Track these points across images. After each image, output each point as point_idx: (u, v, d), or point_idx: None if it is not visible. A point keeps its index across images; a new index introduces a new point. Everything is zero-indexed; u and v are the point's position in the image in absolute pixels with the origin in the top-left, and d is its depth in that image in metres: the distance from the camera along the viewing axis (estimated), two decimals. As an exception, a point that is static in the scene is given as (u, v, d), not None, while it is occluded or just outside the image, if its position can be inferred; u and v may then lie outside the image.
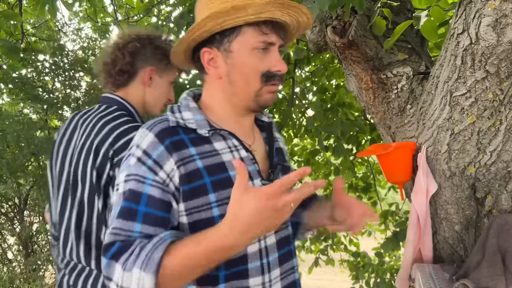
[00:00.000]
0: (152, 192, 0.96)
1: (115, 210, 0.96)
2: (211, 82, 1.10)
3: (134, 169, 0.97)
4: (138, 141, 1.00)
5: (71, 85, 5.40)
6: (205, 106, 1.11)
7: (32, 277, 4.89)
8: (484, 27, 1.34)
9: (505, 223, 1.55)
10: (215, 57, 1.05)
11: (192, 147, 1.01)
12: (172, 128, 1.02)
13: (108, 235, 0.94)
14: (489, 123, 1.57)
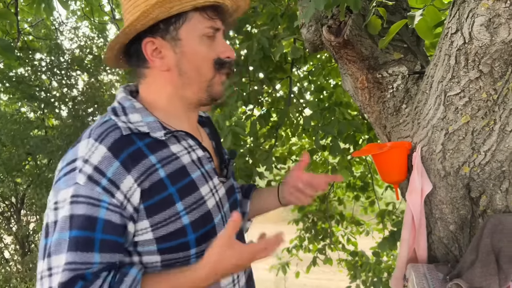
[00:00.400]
0: (108, 217, 0.85)
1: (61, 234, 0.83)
2: (155, 76, 0.98)
3: (85, 190, 0.84)
4: (86, 155, 0.86)
5: (68, 84, 5.39)
6: (149, 104, 0.99)
7: (29, 276, 4.89)
8: (478, 27, 1.34)
9: (499, 223, 1.54)
10: (159, 47, 0.95)
11: (152, 155, 0.92)
12: (126, 137, 0.91)
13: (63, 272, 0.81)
14: (483, 123, 1.57)
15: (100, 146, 0.87)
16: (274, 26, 3.01)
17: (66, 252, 0.82)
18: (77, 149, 0.89)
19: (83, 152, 0.87)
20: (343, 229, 5.54)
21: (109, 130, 0.90)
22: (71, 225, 0.83)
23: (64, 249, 0.82)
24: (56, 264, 0.82)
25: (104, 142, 0.88)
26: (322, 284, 8.79)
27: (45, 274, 0.83)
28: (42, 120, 5.44)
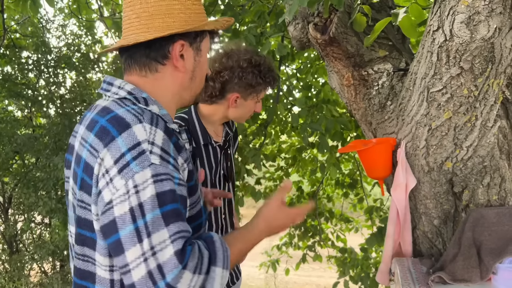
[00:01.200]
0: (180, 192, 0.94)
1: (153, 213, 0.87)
2: (167, 73, 1.07)
3: (162, 168, 0.90)
4: (149, 138, 0.91)
5: (56, 82, 5.35)
6: (155, 97, 1.06)
7: (17, 276, 4.85)
8: (458, 24, 1.36)
9: (480, 217, 1.58)
10: (185, 51, 1.07)
11: (179, 142, 1.01)
12: (166, 123, 1.00)
13: (175, 241, 0.86)
14: (465, 119, 1.60)
15: (158, 130, 0.94)
16: (262, 24, 3.02)
17: (166, 226, 0.87)
18: (134, 134, 0.91)
19: (145, 136, 0.92)
20: (332, 226, 5.58)
21: (155, 116, 0.98)
22: (161, 202, 0.88)
23: (163, 225, 0.87)
24: (159, 240, 0.86)
25: (159, 126, 0.95)
26: (311, 281, 8.84)
27: (148, 255, 0.85)
28: (29, 119, 5.40)
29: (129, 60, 1.07)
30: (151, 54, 1.04)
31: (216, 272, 0.90)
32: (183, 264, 0.85)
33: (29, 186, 4.72)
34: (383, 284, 1.96)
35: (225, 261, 0.93)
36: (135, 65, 1.06)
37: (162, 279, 0.84)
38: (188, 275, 0.86)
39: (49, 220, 5.35)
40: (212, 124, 1.79)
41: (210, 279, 0.89)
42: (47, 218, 5.31)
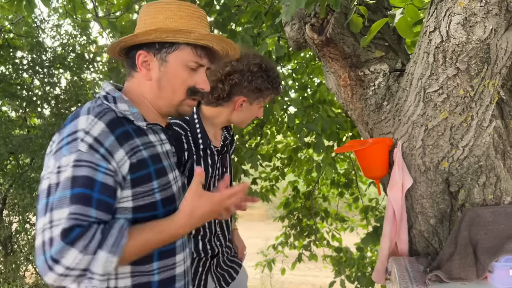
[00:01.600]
0: (105, 180, 1.01)
1: (63, 192, 0.97)
2: (140, 80, 1.19)
3: (87, 156, 1.00)
4: (86, 127, 1.03)
5: (51, 83, 5.32)
6: (132, 99, 1.18)
7: (12, 277, 4.82)
8: (454, 25, 1.37)
9: (476, 216, 1.59)
10: (149, 61, 1.17)
11: (137, 138, 1.11)
12: (119, 119, 1.09)
13: (67, 220, 0.95)
14: (461, 119, 1.61)
15: (99, 121, 1.04)
16: (258, 24, 3.02)
17: (68, 206, 0.97)
18: (77, 123, 1.04)
19: (83, 125, 1.03)
20: (327, 226, 5.59)
21: (106, 110, 1.08)
22: (73, 184, 0.99)
23: (66, 204, 0.97)
24: (57, 217, 0.96)
25: (102, 119, 1.05)
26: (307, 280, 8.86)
27: (46, 227, 0.96)
28: (24, 119, 5.36)
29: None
30: (128, 61, 1.20)
31: (100, 255, 0.97)
32: (65, 242, 0.94)
33: (24, 187, 4.69)
34: (379, 283, 1.97)
35: (113, 247, 0.98)
36: (126, 71, 1.22)
37: (49, 251, 0.95)
38: (73, 252, 0.95)
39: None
40: (213, 127, 1.80)
41: (94, 260, 0.97)
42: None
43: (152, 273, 1.14)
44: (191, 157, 1.69)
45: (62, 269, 0.94)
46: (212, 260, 1.85)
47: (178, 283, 1.21)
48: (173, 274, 1.19)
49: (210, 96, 1.72)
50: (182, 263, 1.23)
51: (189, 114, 1.25)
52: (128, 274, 1.11)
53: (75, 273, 0.96)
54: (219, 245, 1.86)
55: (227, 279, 1.90)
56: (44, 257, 0.95)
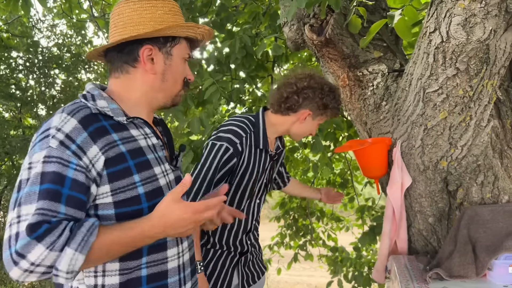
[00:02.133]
0: (75, 176, 1.01)
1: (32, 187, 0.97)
2: (137, 75, 1.19)
3: (57, 152, 1.00)
4: (59, 125, 1.03)
5: (46, 83, 5.29)
6: (116, 96, 1.19)
7: (8, 279, 4.79)
8: (455, 26, 1.39)
9: (475, 215, 1.61)
10: (154, 55, 1.18)
11: (114, 133, 1.10)
12: (94, 115, 1.09)
13: (33, 216, 0.95)
14: (460, 119, 1.63)
15: (71, 119, 1.05)
16: (256, 25, 3.03)
17: (36, 201, 0.96)
18: (51, 121, 1.06)
19: (56, 123, 1.04)
20: (323, 226, 5.60)
21: (80, 107, 1.08)
22: (42, 180, 0.98)
23: (34, 200, 0.97)
24: (25, 212, 0.96)
25: (75, 116, 1.06)
26: (302, 280, 8.88)
27: (14, 221, 0.96)
28: (19, 120, 5.33)
29: (109, 64, 1.21)
30: (122, 57, 1.18)
31: (67, 252, 0.96)
32: (31, 237, 0.93)
33: (19, 187, 4.66)
34: (379, 282, 1.98)
35: (80, 245, 0.97)
36: (113, 69, 1.20)
37: (14, 245, 0.94)
38: (40, 248, 0.94)
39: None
40: (272, 134, 1.93)
41: (60, 257, 0.96)
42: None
43: (139, 267, 1.12)
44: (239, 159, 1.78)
45: (27, 265, 0.94)
46: (241, 258, 1.91)
47: (171, 278, 1.19)
48: (165, 269, 1.17)
49: (283, 105, 1.85)
50: (175, 258, 1.21)
51: (179, 103, 1.30)
52: (116, 272, 1.10)
53: (40, 270, 0.95)
54: (250, 244, 1.94)
55: (249, 280, 1.95)
56: (9, 251, 0.94)
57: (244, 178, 1.80)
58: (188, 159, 2.61)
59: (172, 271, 1.20)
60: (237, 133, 1.78)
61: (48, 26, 5.61)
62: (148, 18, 1.17)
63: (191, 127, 2.66)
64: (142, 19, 1.16)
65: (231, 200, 1.82)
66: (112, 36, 1.18)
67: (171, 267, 1.19)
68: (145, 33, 1.15)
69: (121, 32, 1.16)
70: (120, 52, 1.17)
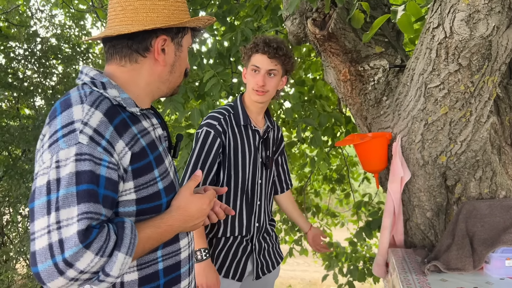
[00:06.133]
0: (109, 175, 0.95)
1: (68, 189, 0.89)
2: (145, 64, 1.12)
3: (88, 149, 0.92)
4: (84, 118, 0.95)
5: (44, 73, 5.26)
6: (122, 84, 1.11)
7: (3, 268, 4.78)
8: (458, 22, 1.41)
9: (473, 209, 1.64)
10: (166, 45, 1.13)
11: (133, 126, 1.05)
12: (114, 106, 1.02)
13: (80, 220, 0.88)
14: (460, 114, 1.65)
15: (96, 111, 0.97)
16: (258, 18, 3.04)
17: (77, 204, 0.89)
18: (72, 113, 0.96)
19: (80, 116, 0.95)
20: (319, 221, 5.63)
21: (100, 98, 1.01)
22: (78, 180, 0.90)
23: (74, 202, 0.89)
24: (66, 216, 0.88)
25: (99, 108, 0.98)
26: (296, 275, 8.91)
27: (53, 228, 0.88)
28: (17, 110, 5.30)
29: (112, 50, 1.12)
30: (133, 45, 1.10)
31: (118, 257, 0.92)
32: (84, 244, 0.87)
33: (16, 178, 4.65)
34: (380, 276, 2.00)
35: (130, 248, 0.94)
36: (116, 55, 1.11)
37: (61, 254, 0.86)
38: (89, 255, 0.88)
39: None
40: (254, 113, 1.95)
41: (111, 262, 0.91)
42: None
43: (156, 261, 1.11)
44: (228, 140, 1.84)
45: (75, 273, 0.87)
46: (253, 245, 1.92)
47: (183, 268, 1.20)
48: (178, 260, 1.17)
49: None
50: (186, 248, 1.21)
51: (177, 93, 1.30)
52: (135, 268, 1.08)
53: (85, 277, 0.89)
54: (257, 227, 1.94)
55: (264, 269, 1.97)
56: (53, 261, 0.86)
57: (238, 157, 1.85)
58: (189, 151, 2.62)
59: (184, 261, 1.20)
60: (214, 116, 1.86)
61: (47, 16, 5.58)
62: (162, 5, 1.11)
63: (191, 118, 2.66)
64: (155, 5, 1.10)
65: (235, 180, 1.85)
66: (119, 19, 1.09)
67: (183, 257, 1.20)
68: (167, 24, 1.09)
69: (133, 18, 1.08)
70: (130, 39, 1.09)
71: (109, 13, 1.12)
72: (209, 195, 1.15)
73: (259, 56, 1.83)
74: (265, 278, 1.98)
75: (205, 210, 1.13)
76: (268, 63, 1.82)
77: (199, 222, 1.14)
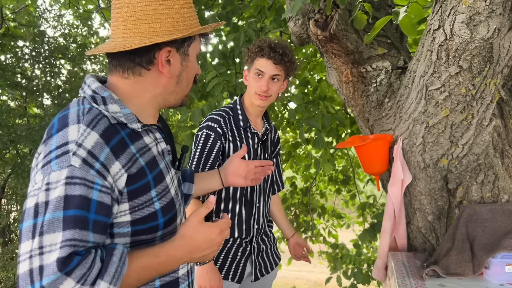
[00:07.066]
0: (101, 199, 0.91)
1: (55, 213, 0.86)
2: (150, 77, 1.07)
3: (80, 172, 0.89)
4: (78, 139, 0.92)
5: (52, 73, 5.31)
6: (125, 96, 1.06)
7: (10, 265, 4.83)
8: (459, 24, 1.39)
9: (474, 213, 1.62)
10: (171, 57, 1.06)
11: (132, 145, 1.01)
12: (113, 126, 0.99)
13: (62, 248, 0.85)
14: (462, 117, 1.63)
15: (92, 132, 0.93)
16: (261, 19, 3.03)
17: (62, 230, 0.86)
18: (67, 134, 0.93)
19: (75, 136, 0.92)
20: (324, 222, 5.62)
21: (98, 117, 0.97)
22: (67, 205, 0.87)
23: (60, 228, 0.86)
24: (49, 242, 0.85)
25: (95, 129, 0.94)
26: (302, 275, 8.90)
27: (35, 253, 0.85)
28: (24, 109, 5.36)
29: (114, 62, 1.07)
30: (136, 59, 1.04)
31: (101, 286, 0.88)
32: (63, 272, 0.84)
33: (23, 176, 4.70)
34: (380, 280, 1.98)
35: (114, 277, 0.90)
36: (119, 68, 1.06)
37: (39, 281, 0.84)
38: (70, 282, 0.85)
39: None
40: (253, 116, 1.96)
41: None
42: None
43: (153, 279, 1.06)
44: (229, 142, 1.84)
45: None
46: (252, 246, 1.93)
47: (182, 285, 1.16)
48: (176, 277, 1.14)
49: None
50: (185, 265, 1.18)
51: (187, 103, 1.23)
52: None
53: None
54: (256, 229, 1.94)
55: (262, 270, 1.97)
56: (32, 287, 0.83)
57: None
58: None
59: (182, 277, 1.17)
60: (214, 118, 1.85)
61: (55, 16, 5.63)
62: (165, 14, 1.04)
63: (193, 118, 2.67)
64: (157, 15, 1.03)
65: None
66: (121, 31, 1.04)
67: (182, 274, 1.16)
68: (170, 38, 1.02)
69: (135, 30, 1.03)
70: (133, 53, 1.03)
71: (112, 24, 1.08)
72: (220, 224, 1.06)
73: (264, 60, 1.81)
74: (263, 279, 1.98)
75: (214, 240, 1.04)
76: (273, 68, 1.81)
77: (208, 253, 1.06)
